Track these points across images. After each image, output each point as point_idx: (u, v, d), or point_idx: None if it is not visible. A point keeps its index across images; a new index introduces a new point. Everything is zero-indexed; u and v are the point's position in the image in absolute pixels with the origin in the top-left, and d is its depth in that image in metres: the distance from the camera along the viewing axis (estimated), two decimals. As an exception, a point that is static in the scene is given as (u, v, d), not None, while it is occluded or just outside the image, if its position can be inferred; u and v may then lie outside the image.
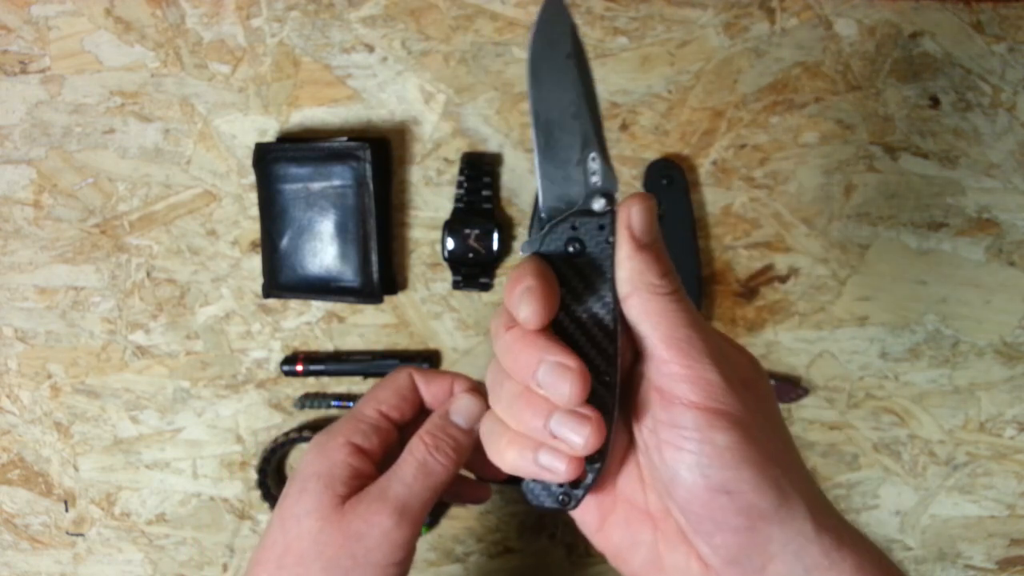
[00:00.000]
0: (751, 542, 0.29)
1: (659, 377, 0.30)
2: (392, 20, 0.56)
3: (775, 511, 0.29)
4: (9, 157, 0.58)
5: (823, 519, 0.30)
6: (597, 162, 0.32)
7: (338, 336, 0.58)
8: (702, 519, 0.30)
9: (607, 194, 0.31)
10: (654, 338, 0.30)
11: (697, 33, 0.55)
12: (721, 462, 0.29)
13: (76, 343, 0.59)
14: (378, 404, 0.42)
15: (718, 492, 0.29)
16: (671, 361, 0.30)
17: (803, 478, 0.31)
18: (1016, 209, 0.56)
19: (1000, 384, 0.57)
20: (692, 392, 0.29)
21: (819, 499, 0.31)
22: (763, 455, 0.29)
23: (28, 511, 0.62)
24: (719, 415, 0.29)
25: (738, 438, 0.29)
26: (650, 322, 0.30)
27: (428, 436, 0.39)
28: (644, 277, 0.30)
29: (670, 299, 0.30)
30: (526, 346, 0.30)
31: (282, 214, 0.55)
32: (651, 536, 0.33)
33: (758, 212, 0.56)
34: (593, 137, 0.32)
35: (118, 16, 0.56)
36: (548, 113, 0.32)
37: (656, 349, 0.30)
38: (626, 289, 0.31)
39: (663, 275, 0.30)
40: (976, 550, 0.60)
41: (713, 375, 0.29)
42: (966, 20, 0.55)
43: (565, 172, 0.32)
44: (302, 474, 0.39)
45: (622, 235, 0.31)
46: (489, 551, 0.61)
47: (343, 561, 0.37)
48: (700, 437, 0.29)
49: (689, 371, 0.29)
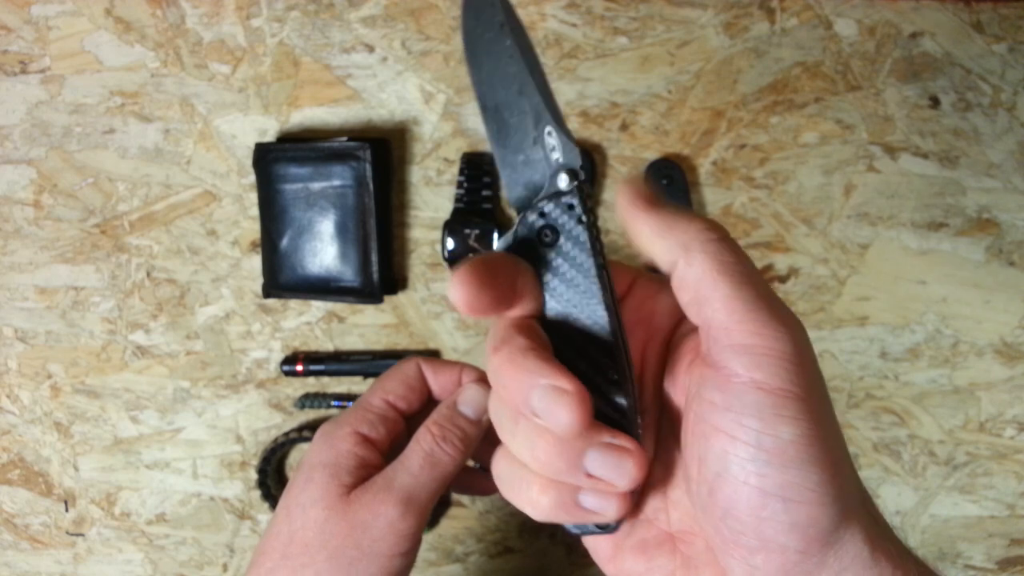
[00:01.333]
0: (798, 568, 0.24)
1: (718, 349, 0.25)
2: (392, 20, 0.56)
3: (833, 531, 0.24)
4: (9, 157, 0.58)
5: (881, 542, 0.25)
6: (554, 136, 0.28)
7: (338, 336, 0.58)
8: (746, 530, 0.24)
9: (570, 169, 0.27)
10: (715, 300, 0.25)
11: (697, 33, 0.55)
12: (783, 459, 0.23)
13: (76, 343, 0.59)
14: (385, 394, 0.41)
15: (773, 497, 0.24)
16: (733, 328, 0.24)
17: (863, 492, 0.26)
18: (1016, 209, 0.56)
19: (1000, 384, 0.57)
20: (757, 367, 0.24)
21: (875, 517, 0.26)
22: (832, 457, 0.24)
23: (28, 511, 0.62)
24: (788, 399, 0.24)
25: (806, 432, 0.23)
26: (710, 281, 0.25)
27: (435, 426, 0.39)
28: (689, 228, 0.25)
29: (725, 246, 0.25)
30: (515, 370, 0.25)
31: (282, 214, 0.55)
32: (668, 561, 0.29)
33: (758, 212, 0.56)
34: (544, 110, 0.28)
35: (118, 16, 0.56)
36: (493, 95, 0.28)
37: (717, 314, 0.24)
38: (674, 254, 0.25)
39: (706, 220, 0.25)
40: (976, 550, 0.60)
41: (786, 345, 0.24)
42: (966, 20, 0.55)
43: (524, 155, 0.28)
44: (308, 463, 0.39)
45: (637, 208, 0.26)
46: (489, 551, 0.61)
47: (348, 551, 0.37)
48: (761, 426, 0.24)
49: (755, 340, 0.24)
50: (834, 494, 0.24)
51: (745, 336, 0.24)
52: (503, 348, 0.26)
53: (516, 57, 0.28)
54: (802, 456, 0.23)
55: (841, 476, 0.24)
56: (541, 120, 0.28)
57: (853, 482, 0.25)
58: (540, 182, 0.28)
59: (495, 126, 0.29)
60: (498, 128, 0.29)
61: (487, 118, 0.29)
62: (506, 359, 0.26)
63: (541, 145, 0.28)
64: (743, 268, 0.25)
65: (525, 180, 0.29)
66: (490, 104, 0.29)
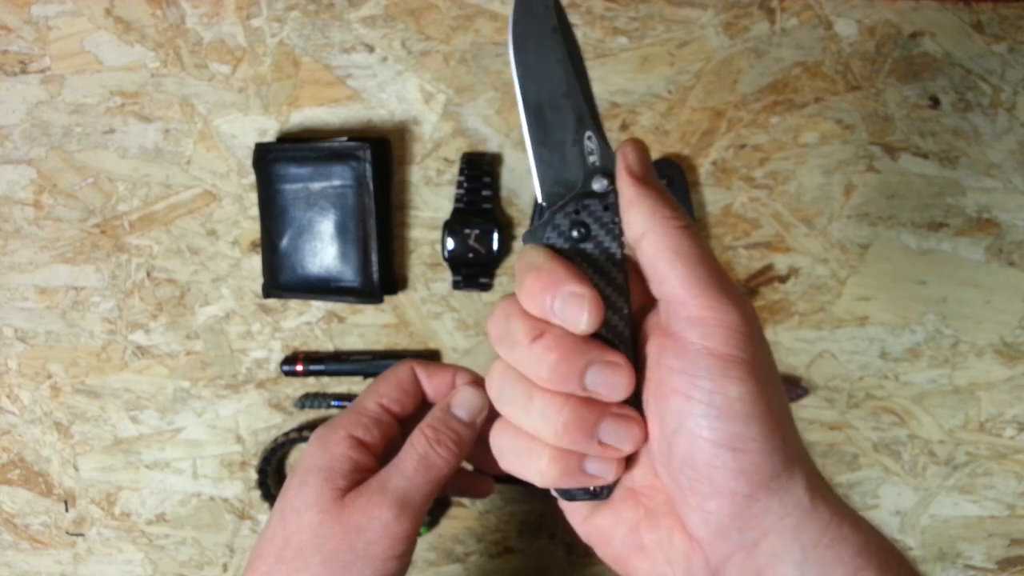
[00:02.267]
0: (747, 511, 0.27)
1: (675, 321, 0.28)
2: (392, 20, 0.56)
3: (776, 477, 0.27)
4: (9, 157, 0.58)
5: (821, 492, 0.28)
6: (594, 140, 0.30)
7: (338, 336, 0.58)
8: (700, 479, 0.28)
9: (607, 173, 0.30)
10: (672, 279, 0.28)
11: (697, 33, 0.55)
12: (730, 414, 0.27)
13: (76, 343, 0.59)
14: (379, 397, 0.41)
15: (722, 448, 0.27)
16: (688, 302, 0.28)
17: (802, 447, 0.29)
18: (1016, 209, 0.56)
19: (1000, 384, 0.57)
20: (708, 336, 0.27)
21: (816, 472, 0.29)
22: (774, 413, 0.27)
23: (28, 511, 0.62)
24: (735, 363, 0.27)
25: (751, 390, 0.27)
26: (666, 261, 0.28)
27: (429, 429, 0.39)
28: (656, 211, 0.28)
29: (686, 233, 0.28)
30: (570, 353, 0.29)
31: (282, 214, 0.55)
32: (632, 514, 0.31)
33: (758, 212, 0.56)
34: (587, 115, 0.30)
35: (118, 16, 0.56)
36: (537, 94, 0.30)
37: (674, 290, 0.28)
38: (639, 229, 0.29)
39: (675, 208, 0.29)
40: (976, 550, 0.60)
41: (734, 318, 0.27)
42: (966, 20, 0.55)
43: (561, 154, 0.30)
44: (303, 467, 0.39)
45: (623, 179, 0.29)
46: (489, 551, 0.61)
47: (343, 554, 0.37)
48: (712, 386, 0.27)
49: (708, 312, 0.27)
50: (775, 445, 0.27)
51: (698, 310, 0.28)
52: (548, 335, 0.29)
53: (566, 61, 0.30)
54: (747, 411, 0.27)
55: (782, 430, 0.28)
56: (583, 124, 0.30)
57: (794, 438, 0.29)
58: (573, 182, 0.30)
59: (535, 122, 0.31)
60: (538, 125, 0.31)
61: (527, 112, 0.31)
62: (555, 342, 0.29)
63: (580, 148, 0.30)
64: (698, 252, 0.28)
65: (560, 177, 0.31)
66: (532, 102, 0.31)
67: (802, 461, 0.28)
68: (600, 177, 0.30)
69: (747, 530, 0.28)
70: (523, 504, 0.60)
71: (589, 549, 0.37)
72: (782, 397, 0.29)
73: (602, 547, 0.33)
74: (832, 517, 0.28)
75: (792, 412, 0.30)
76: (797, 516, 0.27)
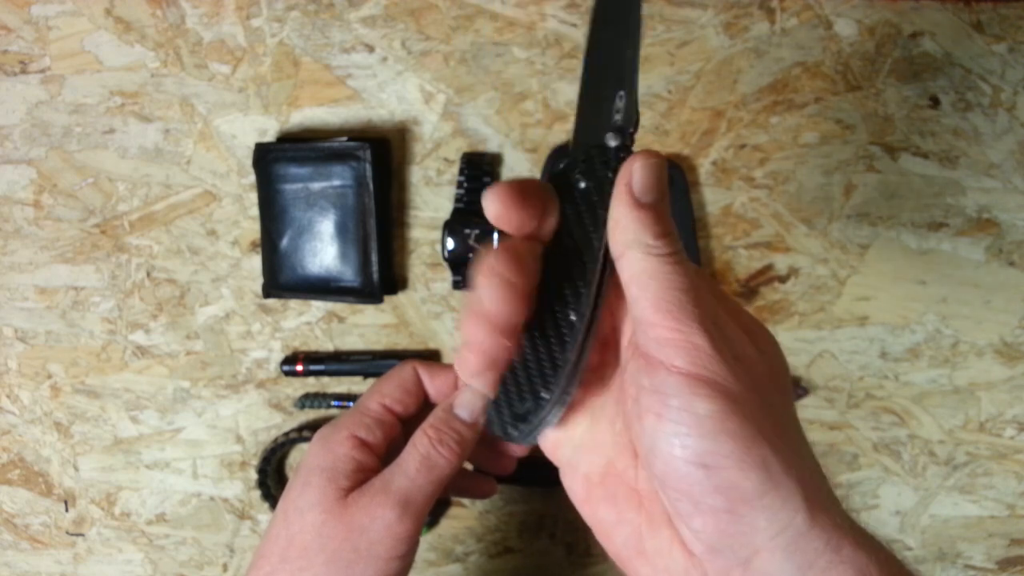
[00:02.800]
0: (732, 528, 0.27)
1: (646, 341, 0.29)
2: (392, 20, 0.56)
3: (758, 495, 0.27)
4: (9, 157, 0.58)
5: (820, 512, 0.28)
6: (623, 100, 0.31)
7: (338, 336, 0.58)
8: (680, 496, 0.28)
9: (623, 129, 0.31)
10: (643, 300, 0.29)
11: (697, 33, 0.55)
12: (700, 431, 0.27)
13: (76, 343, 0.59)
14: (382, 398, 0.42)
15: (695, 465, 0.27)
16: (658, 324, 0.28)
17: (804, 467, 0.28)
18: (1016, 209, 0.56)
19: (1000, 384, 0.57)
20: (676, 356, 0.28)
21: (822, 493, 0.28)
22: (749, 431, 0.27)
23: (28, 511, 0.62)
24: (702, 382, 0.27)
25: (721, 408, 0.27)
26: (639, 283, 0.29)
27: (431, 429, 0.39)
28: (638, 237, 0.29)
29: (664, 260, 0.29)
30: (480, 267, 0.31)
31: (282, 214, 0.55)
32: (635, 515, 0.32)
33: (758, 212, 0.56)
34: (628, 76, 0.31)
35: (118, 16, 0.56)
36: (605, 51, 0.32)
37: (645, 312, 0.29)
38: (619, 249, 0.30)
39: (660, 236, 0.29)
40: (976, 550, 0.60)
41: (700, 340, 0.28)
42: (966, 20, 0.55)
43: (598, 108, 0.32)
44: (306, 467, 0.39)
45: (619, 191, 0.30)
46: (489, 551, 0.61)
47: (346, 554, 0.37)
48: (680, 404, 0.27)
49: (676, 335, 0.28)
50: (751, 462, 0.27)
51: (666, 331, 0.28)
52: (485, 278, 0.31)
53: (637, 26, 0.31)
54: (716, 428, 0.27)
55: (761, 448, 0.27)
56: (619, 82, 0.32)
57: (792, 456, 0.28)
58: (597, 132, 0.32)
59: (591, 77, 0.33)
60: (592, 80, 0.32)
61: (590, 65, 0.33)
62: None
63: (611, 103, 0.32)
64: (676, 279, 0.29)
65: (591, 128, 0.32)
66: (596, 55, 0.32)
67: (800, 480, 0.28)
68: (615, 134, 0.31)
69: (738, 547, 0.28)
70: (523, 504, 0.60)
71: (589, 549, 0.37)
72: (774, 417, 0.29)
73: (604, 540, 0.33)
74: (831, 538, 0.27)
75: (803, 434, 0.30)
76: (789, 536, 0.27)
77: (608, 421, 0.33)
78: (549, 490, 0.59)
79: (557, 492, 0.60)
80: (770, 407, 0.29)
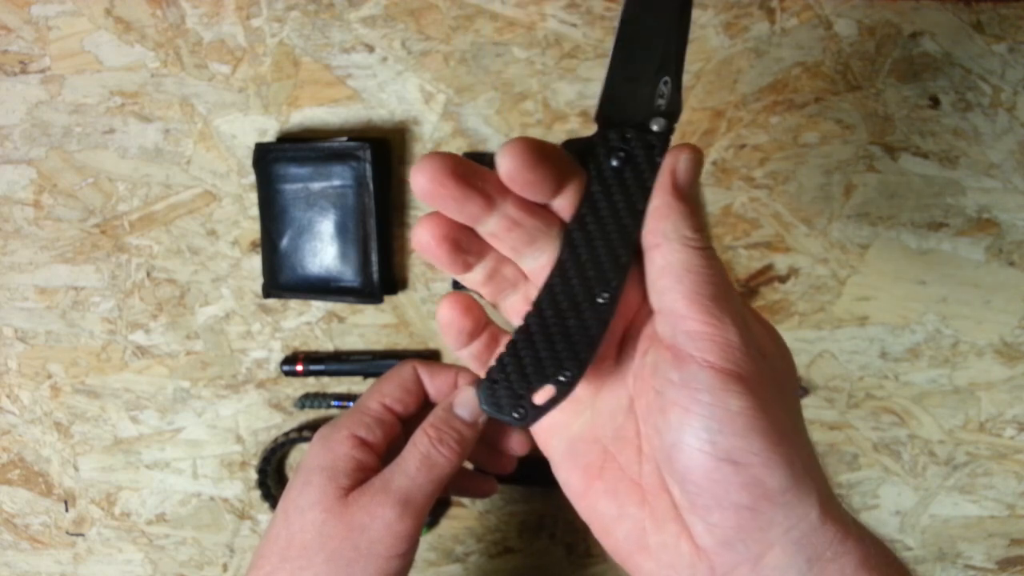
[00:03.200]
0: (751, 524, 0.28)
1: (675, 334, 0.29)
2: (392, 20, 0.56)
3: (782, 492, 0.27)
4: (9, 157, 0.58)
5: (830, 509, 0.28)
6: (668, 86, 0.31)
7: (338, 336, 0.58)
8: (702, 492, 0.28)
9: (670, 116, 0.31)
10: (676, 292, 0.29)
11: (697, 33, 0.55)
12: (732, 428, 0.27)
13: (76, 343, 0.59)
14: (382, 397, 0.42)
15: (724, 461, 0.27)
16: (691, 317, 0.28)
17: (815, 465, 0.29)
18: (1016, 209, 0.56)
19: (1000, 384, 0.58)
20: (710, 351, 0.28)
21: (827, 488, 0.29)
22: (777, 429, 0.28)
23: (28, 511, 0.62)
24: (736, 378, 0.27)
25: (752, 405, 0.27)
26: (675, 275, 0.29)
27: (431, 429, 0.39)
28: (678, 228, 0.29)
29: (702, 254, 0.29)
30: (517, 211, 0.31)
31: (282, 214, 0.55)
32: (638, 510, 0.31)
33: (758, 212, 0.56)
34: (673, 62, 0.31)
35: (118, 16, 0.56)
36: (640, 27, 0.31)
37: (677, 304, 0.29)
38: (656, 239, 0.29)
39: (698, 228, 0.29)
40: (976, 550, 0.60)
41: (735, 337, 0.28)
42: (966, 20, 0.55)
43: (633, 88, 0.31)
44: (306, 467, 0.39)
45: (664, 180, 0.30)
46: (489, 551, 0.61)
47: (346, 552, 0.37)
48: (712, 400, 0.27)
49: (710, 329, 0.28)
50: (778, 460, 0.27)
51: (698, 324, 0.28)
52: None
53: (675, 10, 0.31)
54: (748, 426, 0.27)
55: (787, 446, 0.28)
56: (665, 68, 0.31)
57: (803, 455, 0.28)
58: (633, 114, 0.31)
59: (623, 52, 0.31)
60: (625, 55, 0.31)
61: (621, 39, 0.31)
62: None
63: (652, 88, 0.31)
64: (709, 273, 0.29)
65: (623, 104, 0.31)
66: (629, 31, 0.31)
67: (815, 478, 0.28)
68: (661, 119, 0.31)
69: (752, 543, 0.28)
70: (523, 504, 0.60)
71: (589, 549, 0.37)
72: (791, 416, 0.29)
73: (602, 535, 0.33)
74: (837, 532, 0.28)
75: (807, 432, 0.31)
76: (802, 530, 0.28)
77: (609, 414, 0.33)
78: (549, 490, 0.59)
79: (557, 492, 0.60)
80: (789, 406, 0.30)
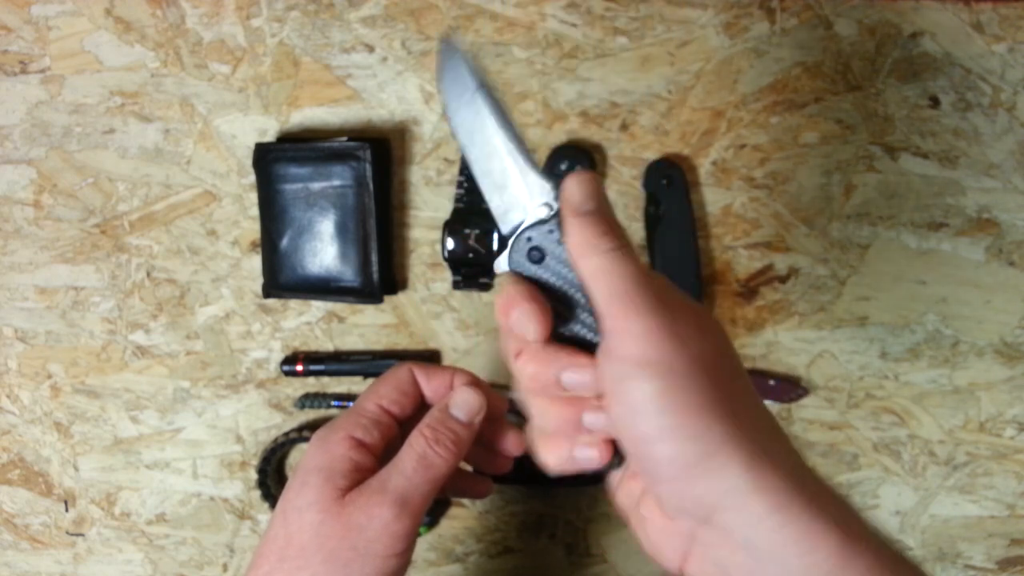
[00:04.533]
0: (686, 492, 0.30)
1: (604, 335, 0.31)
2: (392, 20, 0.56)
3: (698, 462, 0.30)
4: (9, 157, 0.58)
5: (765, 475, 0.29)
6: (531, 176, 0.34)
7: (338, 336, 0.58)
8: (644, 470, 0.31)
9: (546, 203, 0.34)
10: (596, 295, 0.31)
11: (697, 33, 0.55)
12: (644, 411, 0.30)
13: (76, 343, 0.59)
14: (379, 399, 0.42)
15: (641, 443, 0.30)
16: (608, 315, 0.31)
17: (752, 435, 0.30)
18: (1016, 209, 0.56)
19: (1000, 384, 0.57)
20: (623, 345, 0.30)
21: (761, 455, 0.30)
22: (689, 406, 0.30)
23: (28, 511, 0.62)
24: (643, 365, 0.30)
25: (660, 387, 0.29)
26: (591, 279, 0.31)
27: (428, 429, 0.40)
28: (584, 238, 0.31)
29: (609, 256, 0.31)
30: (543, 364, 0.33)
31: (282, 214, 0.55)
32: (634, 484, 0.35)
33: (758, 212, 0.56)
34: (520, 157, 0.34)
35: (118, 16, 0.56)
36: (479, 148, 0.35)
37: (600, 306, 0.31)
38: (574, 256, 0.32)
39: (602, 234, 0.31)
40: (976, 550, 0.60)
41: (640, 326, 0.30)
42: (966, 20, 0.55)
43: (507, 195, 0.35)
44: (304, 468, 0.40)
45: (564, 211, 0.32)
46: (489, 551, 0.61)
47: (344, 553, 0.37)
48: (625, 388, 0.30)
49: (621, 323, 0.30)
50: (689, 433, 0.29)
51: (612, 320, 0.30)
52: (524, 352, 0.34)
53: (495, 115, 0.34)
54: (656, 406, 0.29)
55: (708, 419, 0.30)
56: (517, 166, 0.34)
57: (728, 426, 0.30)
58: (522, 216, 0.34)
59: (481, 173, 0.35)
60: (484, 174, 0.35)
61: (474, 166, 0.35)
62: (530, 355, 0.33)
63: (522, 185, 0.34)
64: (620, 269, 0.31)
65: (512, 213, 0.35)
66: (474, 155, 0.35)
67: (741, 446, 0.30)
68: (542, 206, 0.34)
69: (694, 509, 0.31)
70: (523, 504, 0.60)
71: (589, 549, 0.37)
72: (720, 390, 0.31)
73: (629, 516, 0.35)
74: (779, 497, 0.29)
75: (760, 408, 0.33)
76: (736, 499, 0.30)
77: None
78: (549, 490, 0.59)
79: (557, 492, 0.60)
80: (717, 383, 0.31)
